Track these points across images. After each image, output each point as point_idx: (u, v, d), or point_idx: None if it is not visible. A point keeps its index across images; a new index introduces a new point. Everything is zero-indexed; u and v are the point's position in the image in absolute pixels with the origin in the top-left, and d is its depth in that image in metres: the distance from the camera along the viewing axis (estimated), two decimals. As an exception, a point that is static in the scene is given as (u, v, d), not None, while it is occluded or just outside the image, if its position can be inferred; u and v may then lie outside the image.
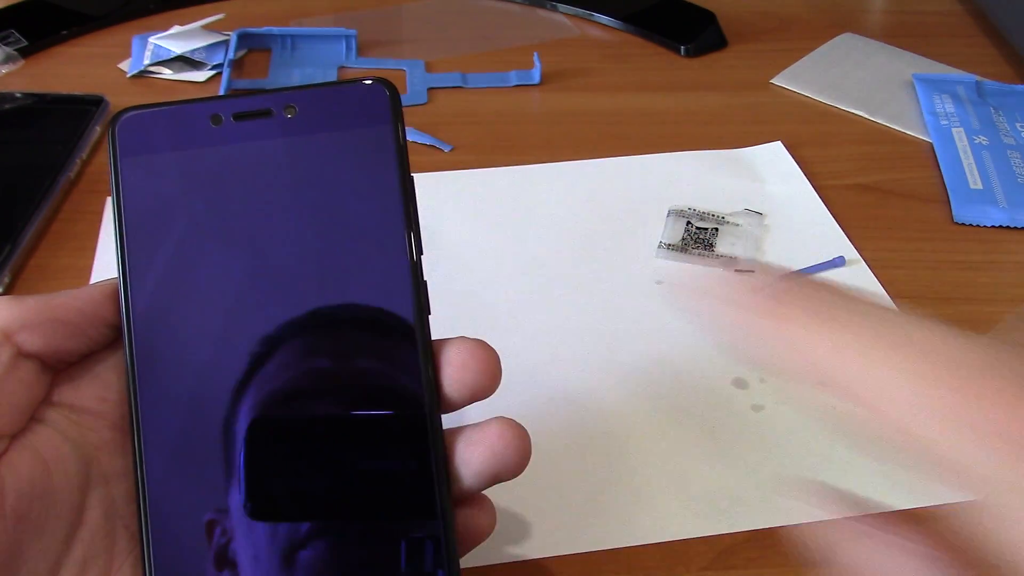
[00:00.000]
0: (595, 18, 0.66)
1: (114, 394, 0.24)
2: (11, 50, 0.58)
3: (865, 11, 0.70)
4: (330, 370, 0.24)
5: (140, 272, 0.24)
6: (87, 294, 0.24)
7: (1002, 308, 0.42)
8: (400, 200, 0.24)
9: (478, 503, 0.25)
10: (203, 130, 0.24)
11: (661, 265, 0.43)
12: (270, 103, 0.24)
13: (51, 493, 0.22)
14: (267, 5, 0.67)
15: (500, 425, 0.24)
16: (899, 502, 0.33)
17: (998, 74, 0.60)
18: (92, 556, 0.23)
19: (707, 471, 0.34)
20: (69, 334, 0.23)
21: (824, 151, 0.52)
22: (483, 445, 0.24)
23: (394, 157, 0.24)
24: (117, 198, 0.24)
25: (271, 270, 0.24)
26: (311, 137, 0.24)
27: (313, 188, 0.24)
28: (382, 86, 0.25)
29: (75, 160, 0.48)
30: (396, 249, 0.24)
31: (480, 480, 0.24)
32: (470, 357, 0.24)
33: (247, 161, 0.24)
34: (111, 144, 0.24)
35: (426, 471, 0.23)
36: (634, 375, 0.37)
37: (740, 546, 0.31)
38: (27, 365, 0.23)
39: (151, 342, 0.23)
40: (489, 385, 0.24)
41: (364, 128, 0.24)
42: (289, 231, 0.24)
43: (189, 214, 0.24)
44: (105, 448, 0.24)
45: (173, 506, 0.23)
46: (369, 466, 0.23)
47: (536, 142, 0.52)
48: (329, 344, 0.24)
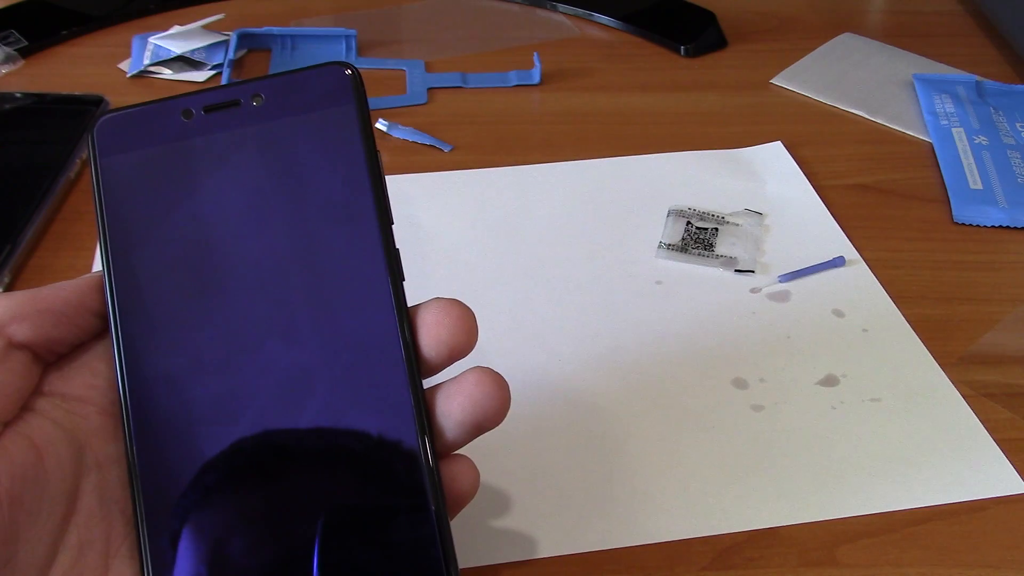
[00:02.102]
0: (595, 18, 0.66)
1: (103, 381, 0.25)
2: (11, 50, 0.58)
3: (865, 11, 0.70)
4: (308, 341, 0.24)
5: (123, 261, 0.24)
6: (74, 285, 0.25)
7: (1002, 308, 0.42)
8: (367, 173, 0.25)
9: (460, 461, 0.25)
10: (176, 125, 0.25)
11: (661, 265, 0.43)
12: (237, 94, 0.25)
13: (44, 479, 0.22)
14: (267, 5, 0.67)
15: (477, 374, 0.24)
16: (899, 502, 0.33)
17: (998, 74, 0.60)
18: (88, 540, 0.23)
19: (707, 471, 0.34)
20: (57, 323, 0.24)
21: (824, 151, 0.52)
22: (462, 395, 0.24)
23: (358, 133, 0.25)
24: (98, 196, 0.25)
25: (249, 253, 0.25)
26: (278, 122, 0.25)
27: (283, 170, 0.25)
28: (342, 68, 0.26)
29: (75, 160, 0.48)
30: (367, 219, 0.25)
31: (463, 431, 0.24)
32: (444, 315, 0.24)
33: (219, 150, 0.25)
34: (91, 147, 0.25)
35: (410, 434, 0.24)
36: (634, 375, 0.37)
37: (740, 546, 0.31)
38: (18, 355, 0.23)
39: (136, 329, 0.24)
40: (465, 341, 0.24)
41: (328, 109, 0.25)
42: (263, 213, 0.25)
43: (166, 204, 0.25)
44: (97, 434, 0.24)
45: (165, 489, 0.23)
46: (354, 435, 0.24)
47: (536, 142, 0.52)
48: (307, 316, 0.24)
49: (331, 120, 0.25)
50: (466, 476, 0.25)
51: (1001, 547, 0.31)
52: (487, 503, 0.32)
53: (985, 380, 0.38)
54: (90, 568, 0.23)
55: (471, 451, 0.25)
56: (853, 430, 0.35)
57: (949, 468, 0.34)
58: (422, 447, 0.24)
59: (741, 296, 0.41)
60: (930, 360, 0.38)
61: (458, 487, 0.25)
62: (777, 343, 0.39)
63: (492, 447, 0.34)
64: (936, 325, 0.40)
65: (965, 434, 0.35)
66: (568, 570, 0.31)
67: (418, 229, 0.45)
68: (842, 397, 0.37)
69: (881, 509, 0.32)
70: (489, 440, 0.26)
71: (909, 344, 0.39)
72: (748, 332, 0.40)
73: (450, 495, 0.24)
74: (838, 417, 0.36)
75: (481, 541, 0.31)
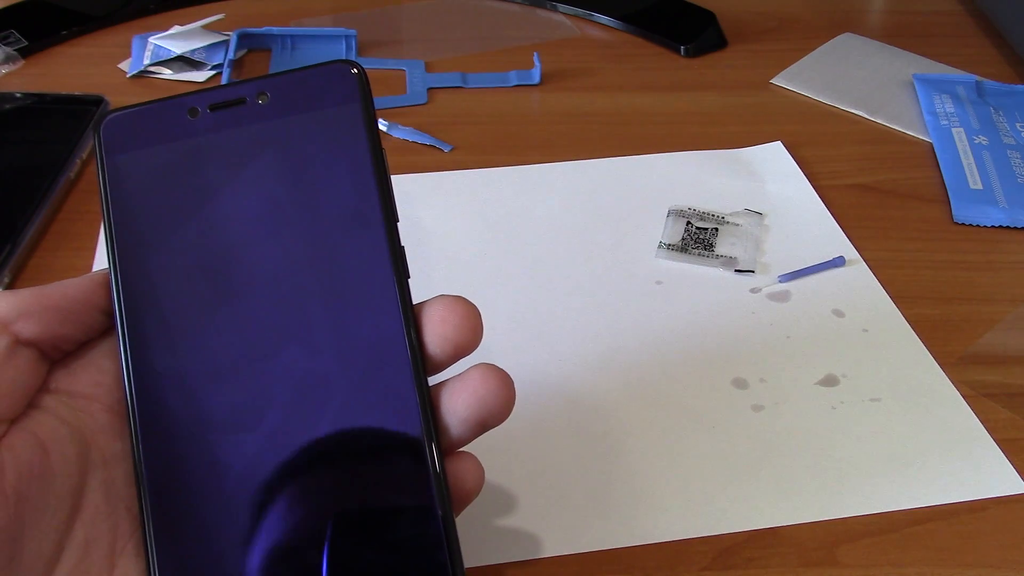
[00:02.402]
0: (595, 18, 0.66)
1: (109, 378, 0.25)
2: (11, 50, 0.58)
3: (865, 11, 0.70)
4: (314, 339, 0.24)
5: (128, 259, 0.24)
6: (80, 282, 0.24)
7: (1002, 308, 0.42)
8: (372, 170, 0.25)
9: (465, 459, 0.25)
10: (181, 123, 0.25)
11: (661, 265, 0.43)
12: (243, 92, 0.25)
13: (50, 475, 0.22)
14: (267, 5, 0.67)
15: (482, 371, 0.24)
16: (899, 502, 0.33)
17: (998, 74, 0.60)
18: (95, 537, 0.23)
19: (707, 471, 0.34)
20: (64, 320, 0.24)
21: (824, 151, 0.52)
22: (467, 392, 0.24)
23: (363, 131, 0.25)
24: (104, 194, 0.25)
25: (254, 250, 0.25)
26: (283, 120, 0.25)
27: (289, 168, 0.25)
28: (347, 66, 0.26)
29: (75, 160, 0.48)
30: (372, 216, 0.25)
31: (467, 428, 0.24)
32: (449, 312, 0.24)
33: (225, 148, 0.25)
34: (96, 146, 0.25)
35: (415, 432, 0.24)
36: (634, 375, 0.37)
37: (740, 546, 0.31)
38: (25, 353, 0.23)
39: (142, 326, 0.24)
40: (471, 338, 0.24)
41: (333, 107, 0.25)
42: (268, 210, 0.25)
43: (172, 202, 0.25)
44: (103, 431, 0.24)
45: (171, 486, 0.23)
46: (360, 433, 0.24)
47: (536, 142, 0.52)
48: (313, 313, 0.24)
49: (337, 118, 0.25)
50: (471, 474, 0.25)
51: (1001, 547, 0.31)
52: (487, 503, 0.32)
53: (985, 380, 0.38)
54: (96, 565, 0.23)
55: (473, 450, 0.25)
56: (853, 430, 0.35)
57: (949, 468, 0.34)
58: (428, 445, 0.24)
59: (741, 296, 0.41)
60: (930, 360, 0.38)
61: (463, 485, 0.25)
62: (777, 343, 0.39)
63: (493, 447, 0.34)
64: (936, 325, 0.40)
65: (965, 434, 0.35)
66: (568, 570, 0.31)
67: (418, 229, 0.45)
68: (842, 397, 0.37)
69: (881, 509, 0.32)
70: (490, 440, 0.26)
71: (909, 344, 0.39)
72: (748, 332, 0.40)
73: (455, 493, 0.24)
74: (838, 417, 0.36)
75: (481, 541, 0.31)
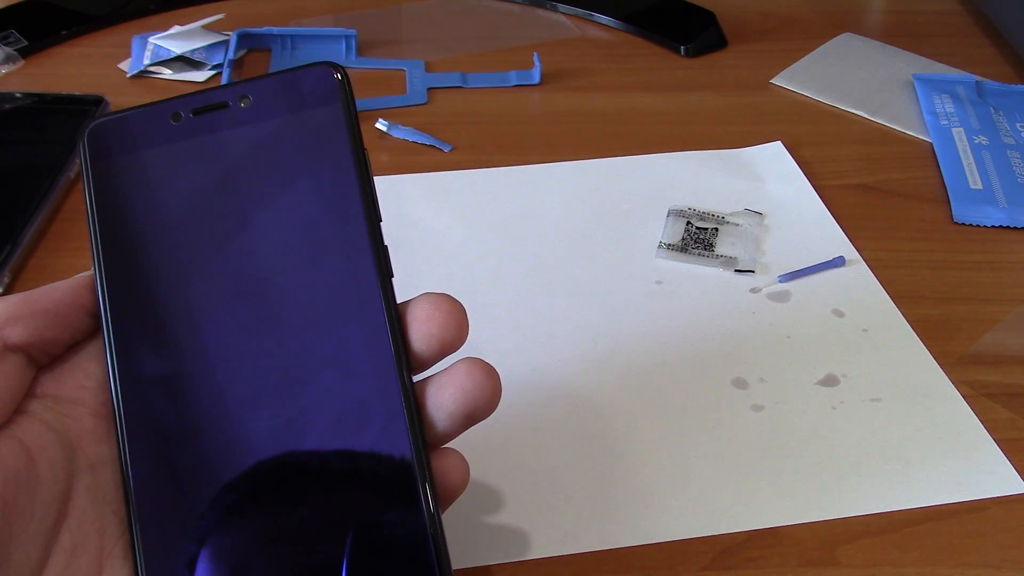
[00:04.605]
0: (595, 18, 0.66)
1: (94, 382, 0.25)
2: (11, 50, 0.58)
3: (865, 11, 0.70)
4: (298, 340, 0.24)
5: (113, 265, 0.25)
6: (67, 284, 0.25)
7: (1002, 308, 0.42)
8: (354, 171, 0.25)
9: (450, 455, 0.25)
10: (165, 128, 0.25)
11: (661, 265, 0.43)
12: (225, 96, 0.26)
13: (37, 481, 0.22)
14: (267, 5, 0.67)
15: (468, 364, 0.24)
16: (899, 502, 0.33)
17: (998, 74, 0.60)
18: (82, 542, 0.23)
19: (707, 471, 0.34)
20: (52, 324, 0.24)
21: (824, 151, 0.52)
22: (453, 386, 0.24)
23: (346, 132, 0.25)
24: (89, 201, 0.25)
25: (238, 252, 0.25)
26: (266, 123, 0.25)
27: (272, 171, 0.25)
28: (329, 68, 0.26)
29: (75, 160, 0.48)
30: (354, 217, 0.25)
31: (454, 422, 0.24)
32: (434, 309, 0.24)
33: (208, 152, 0.25)
34: (82, 153, 0.25)
35: (401, 431, 0.24)
36: (634, 375, 0.37)
37: (740, 546, 0.31)
38: (12, 359, 0.23)
39: (128, 330, 0.24)
40: (456, 335, 0.24)
41: (315, 109, 0.26)
42: (252, 213, 0.25)
43: (157, 206, 0.25)
44: (88, 436, 0.24)
45: (158, 489, 0.24)
46: (344, 432, 0.24)
47: (536, 142, 0.52)
48: (297, 314, 0.24)
49: (319, 120, 0.25)
50: (456, 470, 0.25)
51: (1001, 547, 0.31)
52: (487, 503, 0.32)
53: (985, 380, 0.38)
54: (83, 570, 0.23)
55: (468, 449, 0.25)
56: (853, 430, 0.35)
57: (949, 468, 0.34)
58: (414, 444, 0.24)
59: (741, 296, 0.41)
60: (930, 360, 0.38)
61: (448, 481, 0.25)
62: (777, 343, 0.39)
63: (493, 446, 0.34)
64: (936, 325, 0.40)
65: (965, 434, 0.35)
66: (568, 570, 0.31)
67: (418, 229, 0.45)
68: (842, 397, 0.37)
69: (881, 509, 0.32)
70: (489, 440, 0.26)
71: (909, 344, 0.39)
72: (748, 332, 0.40)
73: (440, 490, 0.24)
74: (838, 417, 0.36)
75: (481, 541, 0.31)
